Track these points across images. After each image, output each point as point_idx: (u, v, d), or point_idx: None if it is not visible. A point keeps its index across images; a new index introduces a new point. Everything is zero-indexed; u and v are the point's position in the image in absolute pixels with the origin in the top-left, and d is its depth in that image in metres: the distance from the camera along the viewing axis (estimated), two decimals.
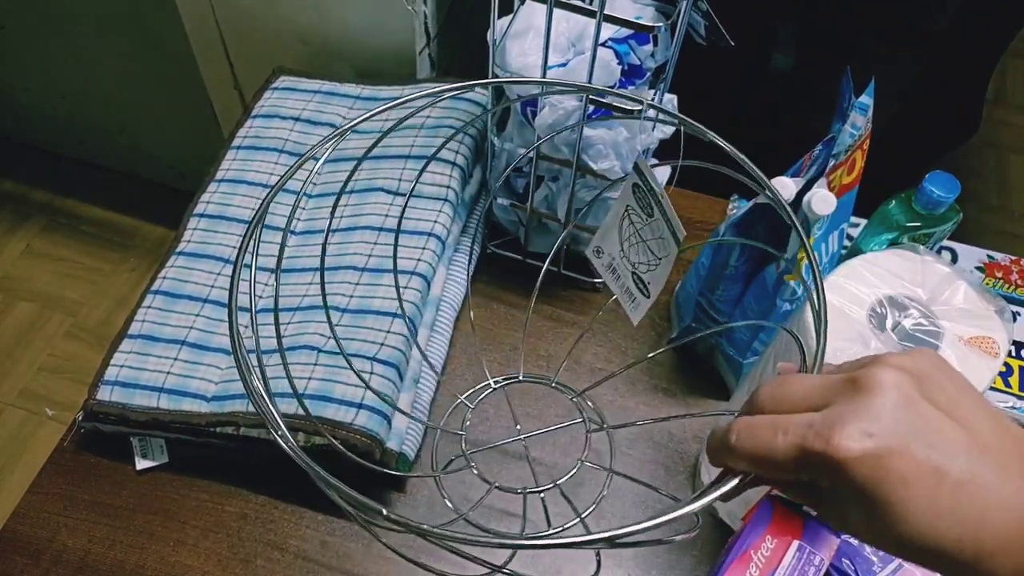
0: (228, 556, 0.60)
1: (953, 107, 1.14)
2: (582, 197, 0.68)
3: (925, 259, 0.49)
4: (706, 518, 0.63)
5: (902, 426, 0.30)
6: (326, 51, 0.86)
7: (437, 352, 0.68)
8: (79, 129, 1.56)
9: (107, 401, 0.61)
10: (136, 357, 0.63)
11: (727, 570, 0.51)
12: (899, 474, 0.29)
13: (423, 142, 0.72)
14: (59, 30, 1.33)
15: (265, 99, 0.78)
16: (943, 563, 0.30)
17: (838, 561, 0.54)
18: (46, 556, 0.60)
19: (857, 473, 0.30)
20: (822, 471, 0.31)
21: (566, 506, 0.59)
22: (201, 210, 0.71)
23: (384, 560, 0.61)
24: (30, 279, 1.55)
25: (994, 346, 0.46)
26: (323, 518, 0.62)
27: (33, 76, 1.47)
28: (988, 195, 1.67)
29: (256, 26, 0.88)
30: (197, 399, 0.61)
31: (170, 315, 0.65)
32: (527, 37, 0.61)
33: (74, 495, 0.63)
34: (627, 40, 0.61)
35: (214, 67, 0.96)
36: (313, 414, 0.58)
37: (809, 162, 0.58)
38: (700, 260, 0.66)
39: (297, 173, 0.73)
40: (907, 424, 0.30)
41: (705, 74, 0.74)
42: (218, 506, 0.63)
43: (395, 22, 0.80)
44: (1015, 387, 0.61)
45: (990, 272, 0.69)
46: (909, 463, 0.29)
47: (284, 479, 0.63)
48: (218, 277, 0.67)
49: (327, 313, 0.57)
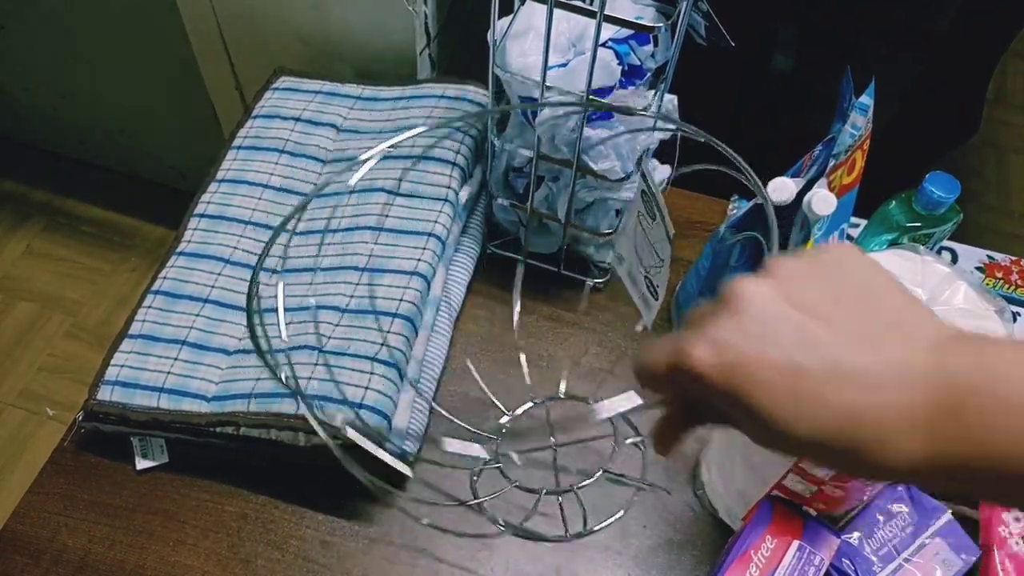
0: (228, 556, 0.60)
1: (953, 107, 1.14)
2: (582, 197, 0.68)
3: (925, 259, 0.49)
4: (706, 518, 0.63)
5: (755, 333, 0.30)
6: (326, 51, 0.87)
7: (437, 352, 0.68)
8: (79, 129, 1.56)
9: (107, 401, 0.61)
10: (136, 357, 0.63)
11: (727, 570, 0.51)
12: (757, 379, 0.30)
13: (423, 142, 0.72)
14: (59, 30, 1.33)
15: (266, 99, 0.78)
16: (834, 459, 0.31)
17: (838, 561, 0.54)
18: (46, 556, 0.60)
19: (717, 383, 0.30)
20: (691, 386, 0.32)
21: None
22: (202, 210, 0.71)
23: (384, 560, 0.61)
24: (30, 279, 1.55)
25: None
26: (323, 518, 0.62)
27: (33, 76, 1.47)
28: (988, 195, 1.67)
29: (257, 27, 0.88)
30: (197, 399, 0.61)
31: (170, 315, 0.65)
32: (527, 37, 0.61)
33: (74, 495, 0.63)
34: (627, 40, 0.61)
35: (215, 67, 0.96)
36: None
37: (809, 162, 0.58)
38: (701, 260, 0.66)
39: (297, 174, 0.74)
40: (761, 330, 0.30)
41: (705, 75, 0.74)
42: (218, 506, 0.63)
43: (395, 22, 0.80)
44: None
45: (990, 272, 0.69)
46: (765, 367, 0.30)
47: (284, 479, 0.63)
48: (219, 277, 0.67)
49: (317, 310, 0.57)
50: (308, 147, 0.75)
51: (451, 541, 0.61)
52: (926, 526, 0.56)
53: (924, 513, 0.56)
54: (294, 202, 0.72)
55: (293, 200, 0.72)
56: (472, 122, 0.73)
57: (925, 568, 0.54)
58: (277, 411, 0.59)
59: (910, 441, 0.29)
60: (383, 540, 0.62)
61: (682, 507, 0.64)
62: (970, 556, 0.55)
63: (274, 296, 0.67)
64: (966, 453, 0.28)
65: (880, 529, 0.56)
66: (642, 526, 0.63)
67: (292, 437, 0.58)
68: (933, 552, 0.55)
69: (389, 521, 0.62)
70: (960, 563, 0.54)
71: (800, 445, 0.30)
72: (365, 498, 0.63)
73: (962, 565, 0.54)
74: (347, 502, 0.63)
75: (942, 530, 0.56)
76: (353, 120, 0.77)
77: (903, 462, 0.29)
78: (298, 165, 0.74)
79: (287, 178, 0.73)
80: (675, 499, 0.64)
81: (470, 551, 0.61)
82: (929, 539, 0.55)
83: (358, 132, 0.76)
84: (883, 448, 0.29)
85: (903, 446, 0.29)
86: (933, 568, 0.54)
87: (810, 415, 0.29)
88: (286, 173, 0.73)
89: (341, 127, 0.76)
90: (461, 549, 0.61)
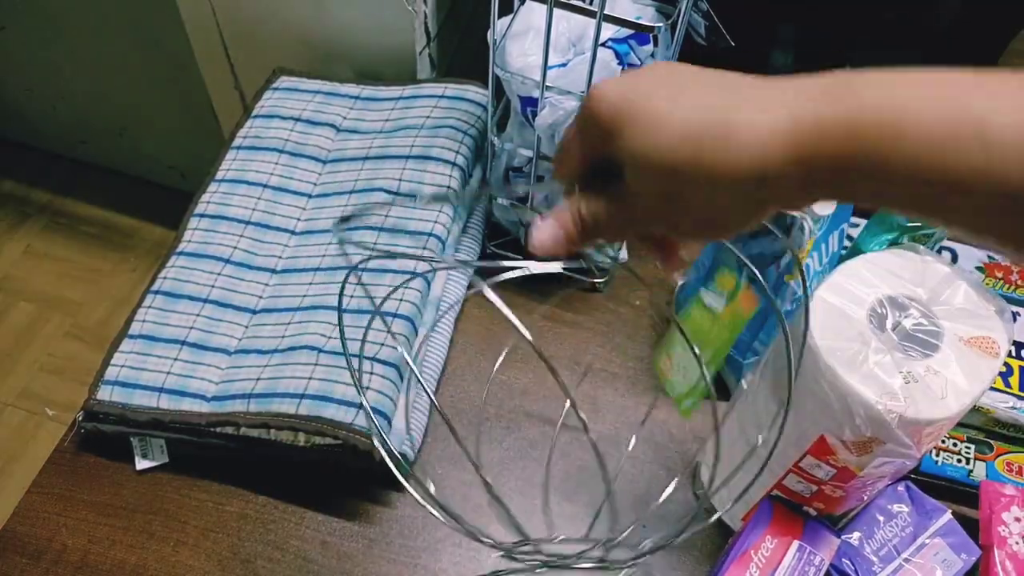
0: (228, 556, 0.60)
1: None
2: None
3: (925, 259, 0.49)
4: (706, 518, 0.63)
5: (644, 77, 0.34)
6: (326, 51, 0.87)
7: (437, 352, 0.68)
8: (79, 129, 1.56)
9: (107, 401, 0.61)
10: (136, 357, 0.63)
11: (727, 570, 0.51)
12: (642, 94, 0.33)
13: (423, 142, 0.72)
14: (59, 31, 1.33)
15: (266, 99, 0.78)
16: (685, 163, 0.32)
17: (838, 561, 0.54)
18: (46, 556, 0.60)
19: (607, 106, 0.34)
20: (590, 128, 0.35)
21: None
22: (202, 210, 0.71)
23: (385, 561, 0.61)
24: (30, 279, 1.55)
25: (994, 346, 0.46)
26: (323, 518, 0.62)
27: (33, 76, 1.47)
28: None
29: (257, 27, 0.88)
30: (197, 399, 0.61)
31: (170, 315, 0.65)
32: (527, 37, 0.61)
33: (74, 495, 0.63)
34: (627, 40, 0.61)
35: (214, 67, 0.96)
36: (313, 414, 0.58)
37: None
38: (701, 260, 0.66)
39: (297, 174, 0.73)
40: (648, 74, 0.34)
41: None
42: (218, 506, 0.63)
43: (395, 22, 0.80)
44: (1015, 387, 0.61)
45: (990, 272, 0.69)
46: (650, 85, 0.33)
47: (284, 479, 0.63)
48: (219, 277, 0.67)
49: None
50: (308, 147, 0.75)
51: (451, 541, 0.61)
52: (926, 526, 0.56)
53: (924, 513, 0.56)
54: (294, 202, 0.72)
55: (293, 200, 0.72)
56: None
57: (925, 568, 0.54)
58: (277, 411, 0.59)
59: (769, 117, 0.30)
60: (383, 540, 0.62)
61: (682, 508, 0.64)
62: (970, 556, 0.55)
63: (272, 296, 0.67)
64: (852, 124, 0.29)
65: (880, 529, 0.56)
66: (642, 526, 0.63)
67: (292, 437, 0.58)
68: (933, 552, 0.55)
69: (389, 522, 0.62)
70: (960, 563, 0.54)
71: (658, 151, 0.32)
72: (365, 498, 0.63)
73: (962, 565, 0.54)
74: (347, 502, 0.63)
75: (942, 530, 0.56)
76: (353, 120, 0.77)
77: (755, 150, 0.30)
78: (298, 165, 0.74)
79: (287, 178, 0.73)
80: (675, 499, 0.64)
81: (469, 552, 0.61)
82: (929, 539, 0.55)
83: (358, 132, 0.76)
84: (734, 133, 0.31)
85: (758, 126, 0.30)
86: (933, 568, 0.54)
87: (671, 125, 0.32)
88: (286, 173, 0.73)
89: (341, 127, 0.76)
90: (460, 549, 0.61)
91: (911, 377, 0.44)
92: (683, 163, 0.32)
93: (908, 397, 0.43)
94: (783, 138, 0.30)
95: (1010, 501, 0.57)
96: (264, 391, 0.60)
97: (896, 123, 0.28)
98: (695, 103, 0.32)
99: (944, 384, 0.44)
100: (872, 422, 0.44)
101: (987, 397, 0.61)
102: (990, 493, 0.58)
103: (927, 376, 0.44)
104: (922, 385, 0.44)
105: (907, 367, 0.44)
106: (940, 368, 0.45)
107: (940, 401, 0.43)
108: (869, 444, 0.45)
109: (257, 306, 0.67)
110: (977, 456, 0.63)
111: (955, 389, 0.44)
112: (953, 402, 0.44)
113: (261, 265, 0.69)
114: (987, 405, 0.61)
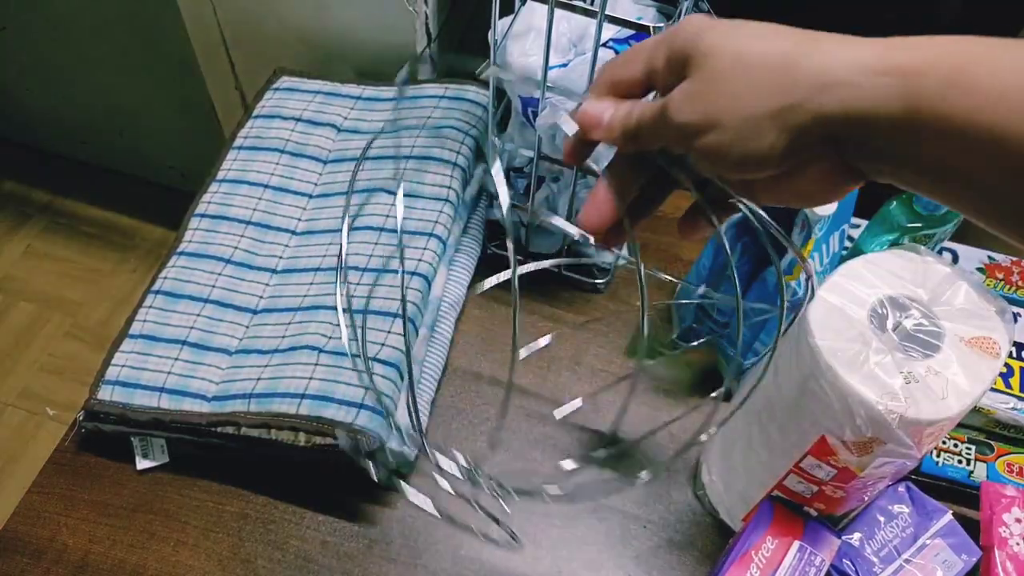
0: (229, 556, 0.60)
1: None
2: (583, 198, 0.68)
3: (926, 260, 0.49)
4: (706, 518, 0.63)
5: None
6: (327, 51, 0.87)
7: (438, 352, 0.68)
8: (79, 129, 1.56)
9: (108, 400, 0.61)
10: (137, 357, 0.63)
11: (728, 570, 0.51)
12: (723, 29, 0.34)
13: (423, 142, 0.72)
14: (59, 31, 1.33)
15: (266, 99, 0.78)
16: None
17: (839, 562, 0.54)
18: (46, 556, 0.60)
19: (697, 19, 0.35)
20: (667, 38, 0.36)
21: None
22: (202, 210, 0.71)
23: (385, 561, 0.61)
24: (30, 279, 1.55)
25: (995, 347, 0.46)
26: (323, 518, 0.62)
27: (33, 76, 1.47)
28: None
29: (257, 27, 0.88)
30: (198, 399, 0.61)
31: (171, 315, 0.65)
32: (528, 38, 0.61)
33: (74, 495, 0.63)
34: (628, 40, 0.61)
35: (215, 68, 0.96)
36: (313, 414, 0.58)
37: None
38: (701, 261, 0.66)
39: (298, 174, 0.73)
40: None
41: None
42: (218, 506, 0.63)
43: (395, 22, 0.80)
44: (1015, 388, 0.61)
45: (991, 273, 0.69)
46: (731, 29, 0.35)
47: (284, 479, 0.63)
48: (219, 277, 0.67)
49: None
50: (308, 147, 0.75)
51: (451, 542, 0.61)
52: (927, 527, 0.56)
53: (925, 514, 0.56)
54: (295, 202, 0.72)
55: (293, 200, 0.72)
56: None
57: (926, 569, 0.54)
58: (277, 411, 0.59)
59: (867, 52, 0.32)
60: (383, 540, 0.62)
61: (682, 508, 0.64)
62: (971, 556, 0.55)
63: (272, 296, 0.67)
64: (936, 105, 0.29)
65: (881, 530, 0.56)
66: (642, 526, 0.63)
67: (292, 437, 0.58)
68: (934, 553, 0.55)
69: (389, 522, 0.62)
70: (961, 564, 0.54)
71: (748, 44, 0.34)
72: (365, 498, 0.63)
73: (963, 566, 0.54)
74: (347, 502, 0.63)
75: (943, 531, 0.56)
76: (353, 120, 0.77)
77: (846, 67, 0.32)
78: (299, 165, 0.74)
79: (288, 178, 0.73)
80: (675, 500, 0.64)
81: (470, 552, 0.61)
82: (930, 540, 0.55)
83: (358, 132, 0.76)
84: (824, 50, 0.33)
85: (849, 55, 0.32)
86: (934, 569, 0.54)
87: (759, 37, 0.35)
88: (287, 173, 0.73)
89: (341, 127, 0.76)
90: (460, 549, 0.61)
91: (912, 377, 0.44)
92: (771, 53, 0.33)
93: (909, 397, 0.43)
94: (883, 66, 0.31)
95: (1011, 502, 0.57)
96: (265, 391, 0.60)
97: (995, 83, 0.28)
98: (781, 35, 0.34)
99: (945, 384, 0.44)
100: (873, 422, 0.44)
101: (988, 398, 0.61)
102: (991, 494, 0.58)
103: (928, 376, 0.44)
104: (923, 385, 0.44)
105: (908, 367, 0.44)
106: (941, 368, 0.45)
107: (941, 401, 0.43)
108: (870, 444, 0.45)
109: (258, 306, 0.67)
110: (978, 457, 0.63)
111: (956, 390, 0.44)
112: (954, 402, 0.44)
113: (262, 265, 0.69)
114: (988, 406, 0.61)
